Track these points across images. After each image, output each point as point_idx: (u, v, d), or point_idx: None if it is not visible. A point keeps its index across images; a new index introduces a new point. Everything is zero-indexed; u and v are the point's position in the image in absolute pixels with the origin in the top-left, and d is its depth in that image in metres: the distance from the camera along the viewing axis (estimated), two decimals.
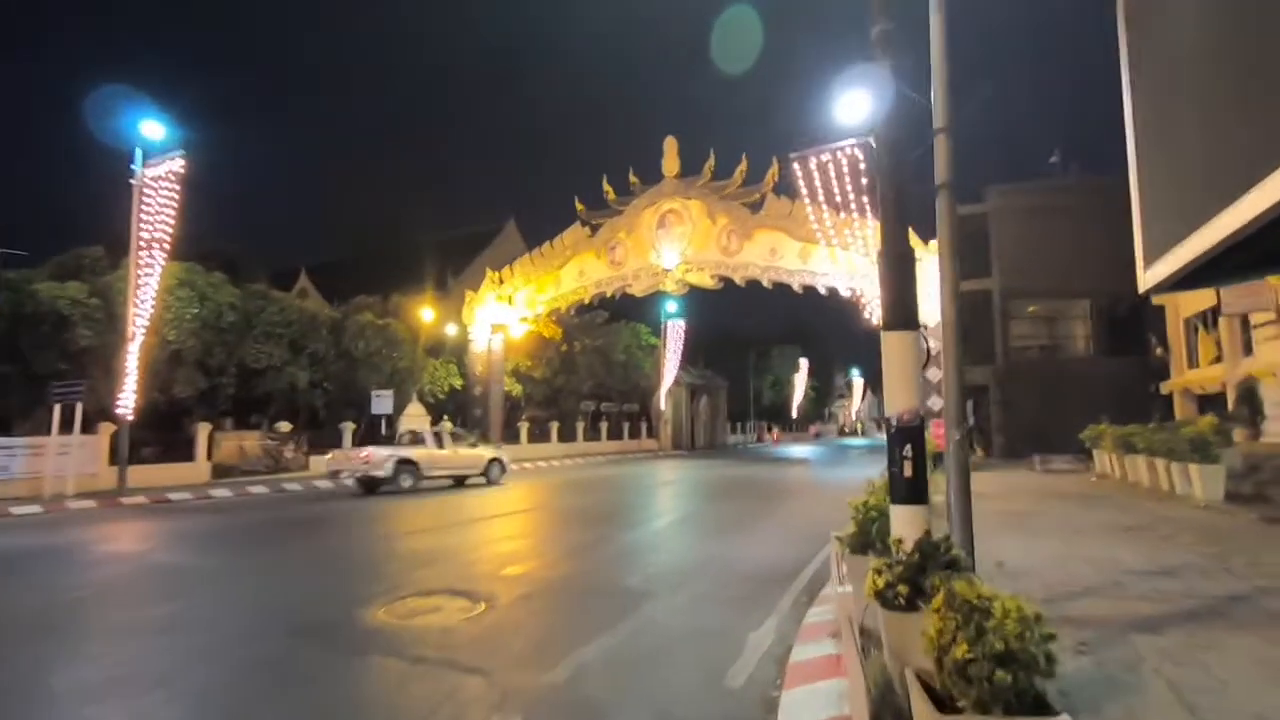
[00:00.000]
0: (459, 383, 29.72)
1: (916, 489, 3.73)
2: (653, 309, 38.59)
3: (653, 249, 25.00)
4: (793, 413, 69.56)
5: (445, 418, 28.81)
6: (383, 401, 23.20)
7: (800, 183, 18.81)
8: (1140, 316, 23.83)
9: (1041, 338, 27.57)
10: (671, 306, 38.28)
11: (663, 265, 24.74)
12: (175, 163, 16.85)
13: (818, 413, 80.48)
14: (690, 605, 6.14)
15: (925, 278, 6.41)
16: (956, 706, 2.13)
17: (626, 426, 41.21)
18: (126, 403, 16.52)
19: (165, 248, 16.98)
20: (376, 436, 24.30)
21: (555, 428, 34.12)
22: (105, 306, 17.79)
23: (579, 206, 26.87)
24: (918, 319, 4.04)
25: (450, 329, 30.59)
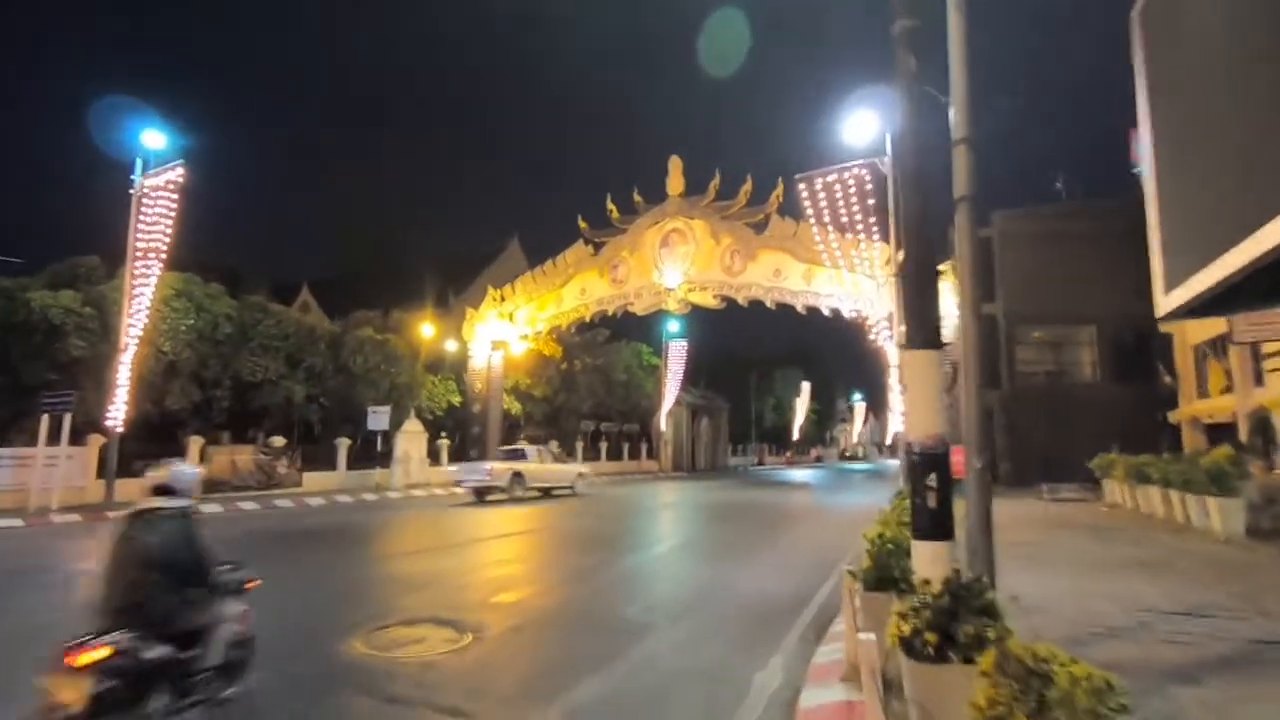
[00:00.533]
0: (457, 399, 29.40)
1: (941, 522, 3.41)
2: (654, 329, 38.35)
3: (656, 268, 24.82)
4: (794, 435, 69.04)
5: (443, 435, 28.50)
6: (379, 417, 22.90)
7: (806, 204, 18.66)
8: (1147, 344, 23.54)
9: (1047, 363, 27.25)
10: (673, 326, 38.02)
11: (665, 284, 24.54)
12: (175, 172, 16.72)
13: (819, 436, 79.89)
14: (691, 640, 5.78)
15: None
16: None
17: (626, 447, 40.75)
18: (116, 415, 16.21)
19: (162, 257, 16.79)
20: (373, 453, 23.96)
21: (554, 447, 33.70)
22: (99, 316, 17.55)
23: (582, 224, 26.74)
24: (940, 337, 3.75)
25: (450, 346, 30.33)
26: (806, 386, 68.50)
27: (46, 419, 15.06)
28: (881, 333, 19.63)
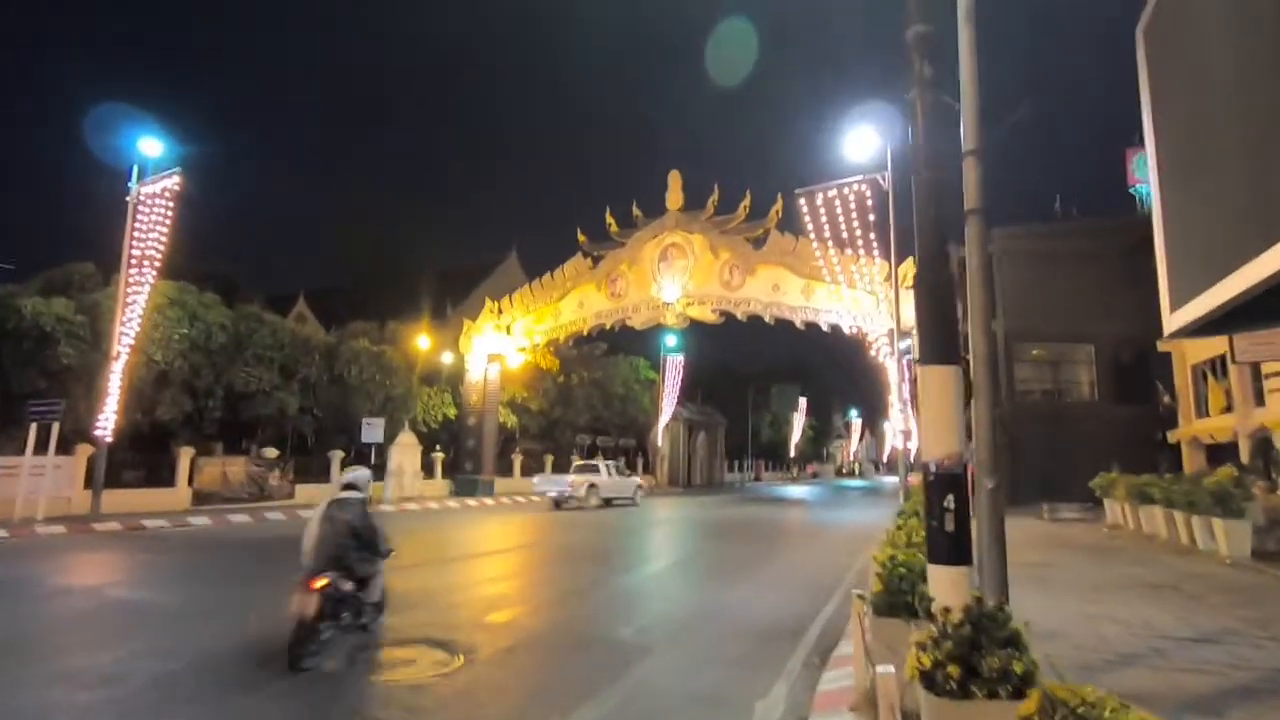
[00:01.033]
0: (453, 412, 29.15)
1: (959, 547, 3.24)
2: (652, 343, 38.17)
3: (654, 282, 24.72)
4: (791, 451, 68.73)
5: (438, 448, 28.23)
6: (373, 430, 22.67)
7: (806, 219, 18.61)
8: (1146, 363, 23.45)
9: (1045, 382, 27.15)
10: (671, 341, 37.88)
11: (664, 298, 24.43)
12: (171, 180, 16.59)
13: (816, 452, 79.57)
14: (690, 664, 5.57)
15: None
16: None
17: (623, 461, 40.43)
18: (106, 424, 15.95)
19: (156, 265, 16.61)
20: (366, 465, 23.66)
21: (550, 461, 33.41)
22: (91, 324, 17.32)
23: (581, 237, 26.67)
24: (958, 352, 3.60)
25: (447, 358, 30.12)
26: (803, 402, 68.28)
27: (34, 427, 14.80)
28: (882, 349, 19.51)
